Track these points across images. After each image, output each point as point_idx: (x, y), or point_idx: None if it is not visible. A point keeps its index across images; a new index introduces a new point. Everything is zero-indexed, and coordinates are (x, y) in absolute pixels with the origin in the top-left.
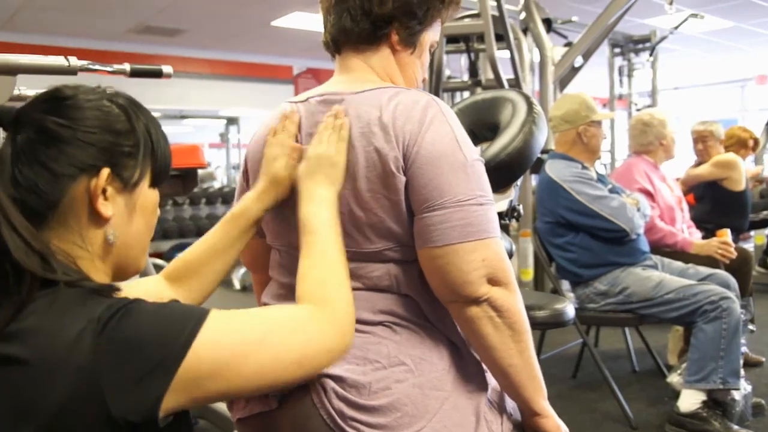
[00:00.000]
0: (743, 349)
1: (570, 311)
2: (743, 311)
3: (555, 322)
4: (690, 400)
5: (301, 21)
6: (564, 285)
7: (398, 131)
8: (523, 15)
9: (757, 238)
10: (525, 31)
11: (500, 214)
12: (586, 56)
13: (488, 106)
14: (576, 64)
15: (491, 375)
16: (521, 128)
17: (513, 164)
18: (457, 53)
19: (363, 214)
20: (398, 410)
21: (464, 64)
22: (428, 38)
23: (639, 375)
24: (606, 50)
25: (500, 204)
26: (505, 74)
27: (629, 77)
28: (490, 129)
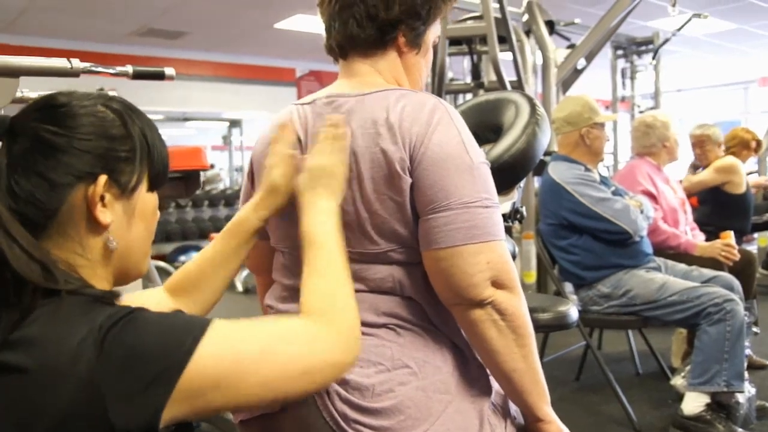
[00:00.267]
0: (747, 352)
1: (573, 314)
2: (747, 313)
3: (558, 325)
4: (694, 403)
5: (304, 23)
6: (567, 287)
7: (405, 133)
8: (526, 17)
9: (761, 241)
10: (528, 33)
11: (503, 216)
12: (589, 58)
13: (491, 108)
14: (579, 66)
15: (494, 379)
16: (524, 130)
17: (516, 166)
18: (460, 55)
19: (368, 215)
20: (402, 413)
21: (467, 67)
22: (431, 36)
23: (642, 378)
24: (609, 52)
25: (503, 206)
26: (508, 76)
27: (632, 79)
28: (493, 131)
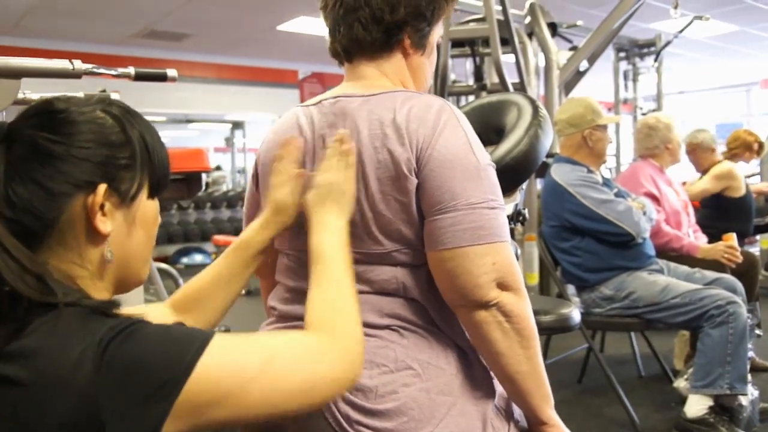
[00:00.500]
0: (750, 354)
1: (576, 316)
2: (750, 316)
3: (561, 327)
4: (697, 406)
5: (307, 25)
6: (569, 289)
7: (412, 134)
8: (528, 19)
9: (764, 243)
10: (530, 36)
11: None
12: (591, 60)
13: (493, 110)
14: (581, 68)
15: (498, 381)
16: (527, 131)
17: (518, 168)
18: (462, 57)
19: (372, 215)
20: (405, 414)
21: (469, 69)
22: (435, 36)
23: (645, 380)
24: (611, 54)
25: (506, 207)
26: (510, 78)
27: (634, 81)
28: (496, 132)
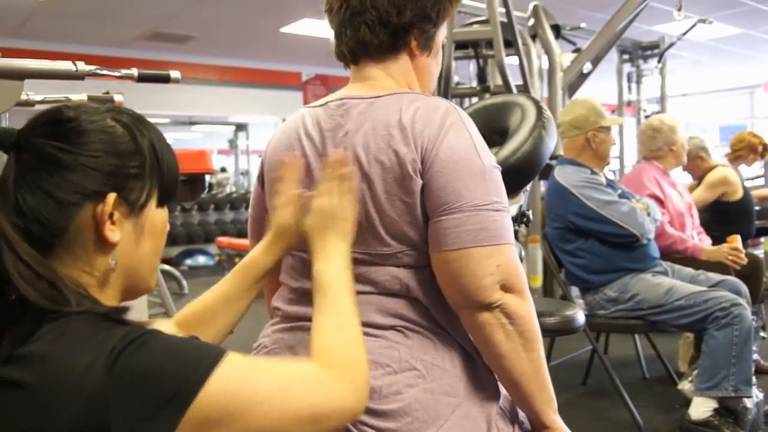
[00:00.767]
0: (755, 357)
1: (580, 318)
2: (755, 318)
3: (565, 329)
4: (701, 408)
5: (311, 28)
6: (573, 291)
7: (417, 135)
8: (532, 21)
9: None
10: (534, 38)
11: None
12: (595, 62)
13: (497, 111)
14: (585, 71)
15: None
16: (531, 133)
17: (522, 169)
18: (466, 59)
19: (377, 216)
20: (409, 415)
21: (473, 71)
22: (441, 37)
23: (649, 382)
24: (614, 57)
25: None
26: (514, 80)
27: (638, 84)
28: (500, 134)
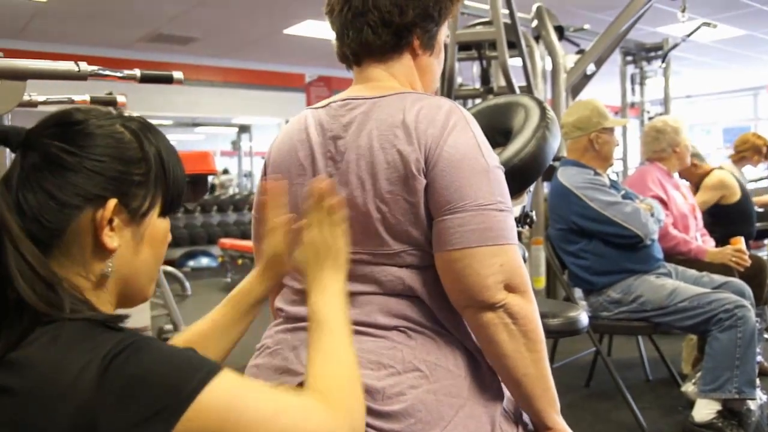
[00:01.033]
0: (759, 359)
1: (584, 319)
2: (758, 320)
3: (568, 330)
4: (705, 410)
5: (314, 29)
6: (576, 293)
7: (421, 134)
8: (535, 23)
9: None
10: (537, 39)
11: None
12: (598, 64)
13: (501, 112)
14: (588, 72)
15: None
16: (534, 133)
17: (526, 169)
18: (469, 60)
19: (381, 216)
20: (412, 416)
21: (476, 72)
22: (442, 36)
23: (653, 384)
24: (618, 58)
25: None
26: (517, 82)
27: (641, 85)
28: (503, 134)
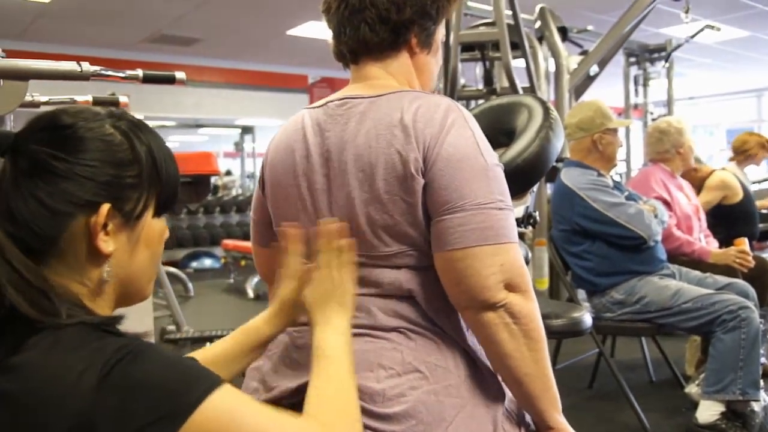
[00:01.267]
0: (762, 360)
1: (587, 320)
2: (762, 321)
3: (572, 331)
4: (708, 412)
5: (317, 30)
6: (580, 294)
7: (419, 133)
8: (539, 24)
9: None
10: (540, 40)
11: (516, 221)
12: (602, 65)
13: (504, 112)
14: (591, 73)
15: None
16: (538, 133)
17: (529, 169)
18: (472, 61)
19: (379, 217)
20: (413, 418)
21: (479, 73)
22: (440, 34)
23: (656, 385)
24: (621, 60)
25: (517, 210)
26: (521, 83)
27: (644, 86)
28: (506, 134)
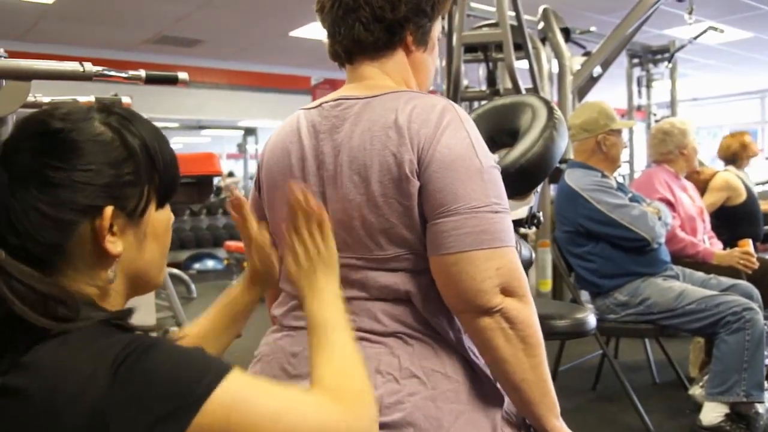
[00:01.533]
0: (767, 362)
1: (591, 321)
2: (767, 323)
3: (576, 332)
4: (712, 413)
5: (320, 32)
6: (583, 296)
7: (414, 134)
8: (542, 24)
9: None
10: (543, 41)
11: (520, 221)
12: (605, 66)
13: (508, 112)
14: (594, 74)
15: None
16: (542, 133)
17: (533, 170)
18: (475, 62)
19: (375, 220)
20: (411, 425)
21: (482, 74)
22: (436, 32)
23: (660, 387)
24: (624, 61)
25: (520, 211)
26: (524, 84)
27: (648, 88)
28: (510, 135)
